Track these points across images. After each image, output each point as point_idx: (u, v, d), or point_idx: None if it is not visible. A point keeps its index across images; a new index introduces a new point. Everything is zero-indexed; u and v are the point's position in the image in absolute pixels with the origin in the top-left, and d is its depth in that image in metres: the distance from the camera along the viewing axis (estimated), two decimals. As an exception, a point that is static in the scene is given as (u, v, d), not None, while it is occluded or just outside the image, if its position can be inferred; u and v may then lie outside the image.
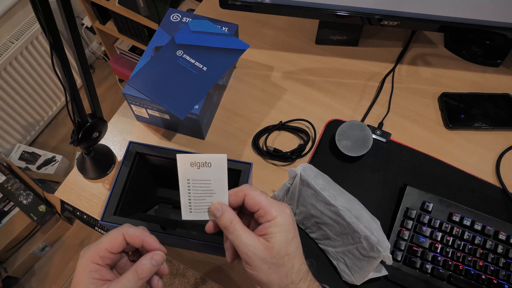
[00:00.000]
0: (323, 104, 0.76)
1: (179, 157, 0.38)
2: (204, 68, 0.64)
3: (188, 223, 0.59)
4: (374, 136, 0.70)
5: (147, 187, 0.63)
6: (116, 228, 0.40)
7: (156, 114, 0.67)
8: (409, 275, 0.59)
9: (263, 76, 0.79)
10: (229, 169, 0.56)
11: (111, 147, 0.70)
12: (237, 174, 0.56)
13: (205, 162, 0.39)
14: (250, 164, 0.56)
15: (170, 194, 0.64)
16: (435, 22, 0.69)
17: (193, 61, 0.64)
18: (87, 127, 0.58)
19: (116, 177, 0.57)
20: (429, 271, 0.59)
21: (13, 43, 1.48)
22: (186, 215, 0.41)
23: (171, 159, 0.58)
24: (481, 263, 0.59)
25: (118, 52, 1.90)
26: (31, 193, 1.46)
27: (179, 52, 0.65)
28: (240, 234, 0.37)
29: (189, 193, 0.40)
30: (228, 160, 0.56)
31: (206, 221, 0.47)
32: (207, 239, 0.51)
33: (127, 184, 0.57)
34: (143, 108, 0.67)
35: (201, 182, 0.40)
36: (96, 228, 0.66)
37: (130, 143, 0.59)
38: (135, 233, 0.39)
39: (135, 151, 0.59)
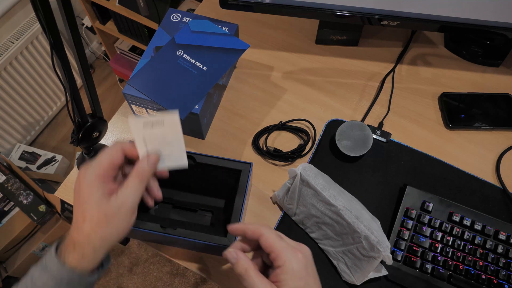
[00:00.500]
0: (323, 104, 0.76)
1: (131, 120, 0.39)
2: (204, 68, 0.64)
3: (188, 223, 0.59)
4: (374, 136, 0.70)
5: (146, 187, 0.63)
6: (111, 145, 0.43)
7: (156, 114, 0.67)
8: (409, 275, 0.59)
9: (263, 76, 0.79)
10: (229, 169, 0.56)
11: (111, 147, 0.70)
12: (237, 174, 0.56)
13: (158, 121, 0.40)
14: (250, 164, 0.56)
15: (170, 194, 0.64)
16: (435, 22, 0.69)
17: (193, 61, 0.65)
18: (87, 127, 0.58)
19: None
20: (429, 271, 0.59)
21: (13, 43, 1.48)
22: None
23: None
24: (481, 263, 0.59)
25: (118, 52, 1.90)
26: (31, 193, 1.46)
27: (179, 52, 0.65)
28: (254, 282, 0.38)
29: (146, 147, 0.42)
30: (228, 160, 0.56)
31: (205, 220, 0.49)
32: (207, 239, 0.51)
33: None
34: (143, 108, 0.67)
35: (156, 137, 0.42)
36: (96, 228, 0.66)
37: None
38: (131, 145, 0.43)
39: None
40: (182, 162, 0.45)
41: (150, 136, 0.41)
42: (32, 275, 0.40)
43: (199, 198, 0.63)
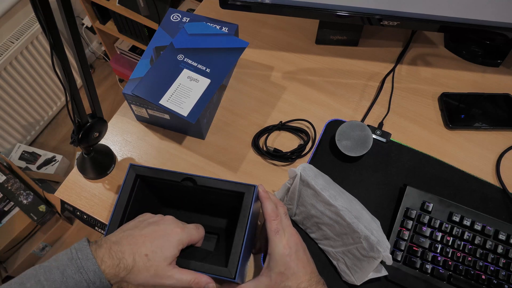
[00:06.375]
0: (323, 104, 0.76)
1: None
2: (208, 70, 0.64)
3: (189, 248, 0.55)
4: (374, 136, 0.70)
5: (151, 208, 0.59)
6: (197, 228, 0.52)
7: (156, 114, 0.67)
8: (409, 275, 0.59)
9: (263, 76, 0.79)
10: (231, 191, 0.53)
11: (111, 147, 0.70)
12: (241, 196, 0.52)
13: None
14: (254, 186, 0.52)
15: (175, 214, 0.59)
16: (435, 22, 0.69)
17: (195, 64, 0.64)
18: (87, 127, 0.58)
19: (116, 203, 0.54)
20: (429, 271, 0.59)
21: (13, 43, 1.48)
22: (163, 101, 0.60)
23: (174, 182, 0.55)
24: (481, 263, 0.59)
25: (118, 52, 1.90)
26: (31, 193, 1.46)
27: (180, 57, 0.65)
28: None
29: (175, 90, 0.57)
30: (231, 182, 0.53)
31: (210, 243, 0.58)
32: (206, 269, 0.49)
33: (128, 209, 0.54)
34: (143, 108, 0.67)
35: (186, 89, 0.58)
36: (96, 228, 0.66)
37: (131, 166, 0.56)
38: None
39: (135, 174, 0.56)
40: None
41: (184, 86, 0.59)
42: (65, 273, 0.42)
43: (205, 218, 0.60)
